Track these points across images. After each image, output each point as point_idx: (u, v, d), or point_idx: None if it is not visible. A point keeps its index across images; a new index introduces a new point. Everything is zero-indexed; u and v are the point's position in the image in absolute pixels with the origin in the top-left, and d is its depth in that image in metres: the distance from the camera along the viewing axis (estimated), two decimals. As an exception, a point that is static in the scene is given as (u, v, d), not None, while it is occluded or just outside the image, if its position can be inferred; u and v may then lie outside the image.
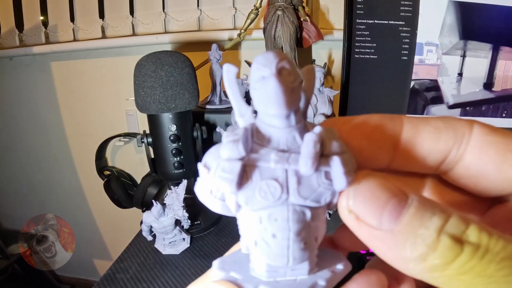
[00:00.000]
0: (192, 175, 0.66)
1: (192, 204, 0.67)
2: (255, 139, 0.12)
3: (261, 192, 0.12)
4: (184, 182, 0.56)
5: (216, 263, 0.14)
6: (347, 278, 0.14)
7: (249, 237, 0.13)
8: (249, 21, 0.82)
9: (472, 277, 0.11)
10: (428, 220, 0.11)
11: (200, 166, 0.13)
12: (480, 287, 0.11)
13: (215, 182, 0.12)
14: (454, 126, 0.14)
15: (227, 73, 0.13)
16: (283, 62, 0.12)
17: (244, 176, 0.12)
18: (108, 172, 1.20)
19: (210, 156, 0.13)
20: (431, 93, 0.67)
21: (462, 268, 0.11)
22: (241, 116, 0.13)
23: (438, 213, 0.11)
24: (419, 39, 0.64)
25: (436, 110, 0.68)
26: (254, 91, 0.12)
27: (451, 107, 0.68)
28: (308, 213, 0.12)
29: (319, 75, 0.63)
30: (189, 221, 0.59)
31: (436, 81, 0.67)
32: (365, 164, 0.14)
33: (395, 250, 0.11)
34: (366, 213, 0.12)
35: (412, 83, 0.67)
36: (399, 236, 0.11)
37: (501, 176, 0.13)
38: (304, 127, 0.13)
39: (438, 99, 0.68)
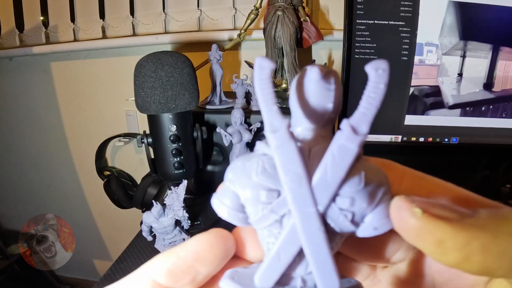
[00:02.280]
0: (192, 176, 0.66)
1: (192, 204, 0.67)
2: None
3: None
4: (184, 182, 0.56)
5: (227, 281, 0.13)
6: None
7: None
8: (249, 21, 0.82)
9: None
10: None
11: None
12: None
13: None
14: (390, 166, 0.15)
15: (260, 71, 0.12)
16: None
17: None
18: (108, 173, 1.20)
19: None
20: (430, 94, 0.67)
21: None
22: (273, 132, 0.12)
23: None
24: (419, 39, 0.64)
25: (436, 110, 0.68)
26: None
27: (451, 107, 0.68)
28: None
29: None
30: (189, 222, 0.59)
31: (436, 81, 0.67)
32: None
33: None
34: (441, 207, 0.12)
35: (412, 83, 0.67)
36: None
37: None
38: None
39: (438, 100, 0.68)
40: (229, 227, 0.14)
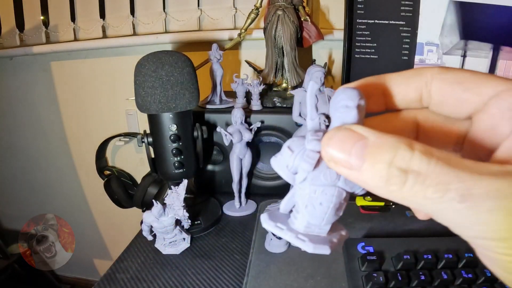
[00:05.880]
0: (192, 175, 0.66)
1: (192, 204, 0.67)
2: None
3: (325, 175, 0.17)
4: (185, 181, 0.56)
5: (265, 215, 0.19)
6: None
7: (302, 202, 0.18)
8: (249, 21, 0.82)
9: (420, 199, 0.13)
10: (381, 155, 0.14)
11: (285, 147, 0.18)
12: (428, 207, 0.14)
13: (296, 161, 0.17)
14: (421, 72, 0.18)
15: (312, 88, 0.19)
16: (362, 101, 0.17)
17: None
18: (108, 172, 1.20)
19: (295, 143, 0.18)
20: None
21: (411, 191, 0.13)
22: (311, 119, 0.18)
23: (388, 148, 0.14)
24: (420, 39, 0.64)
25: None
26: (336, 112, 0.17)
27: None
28: (344, 194, 0.18)
29: (319, 75, 0.63)
30: (189, 221, 0.59)
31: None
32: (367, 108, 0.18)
33: (367, 183, 0.14)
34: (339, 157, 0.15)
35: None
36: (365, 173, 0.14)
37: (460, 99, 0.18)
38: None
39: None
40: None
